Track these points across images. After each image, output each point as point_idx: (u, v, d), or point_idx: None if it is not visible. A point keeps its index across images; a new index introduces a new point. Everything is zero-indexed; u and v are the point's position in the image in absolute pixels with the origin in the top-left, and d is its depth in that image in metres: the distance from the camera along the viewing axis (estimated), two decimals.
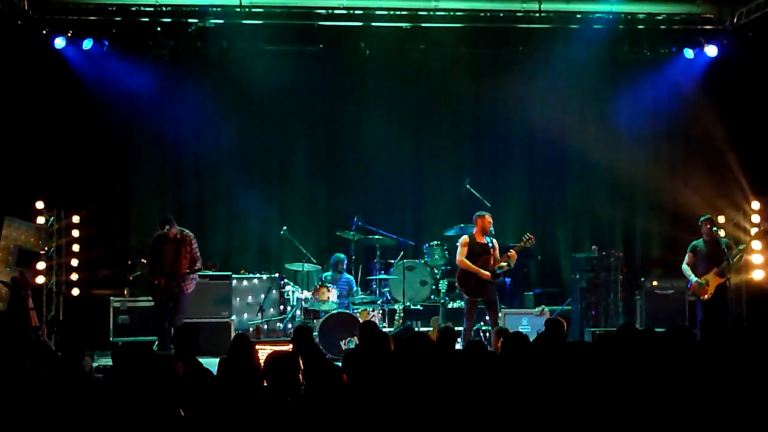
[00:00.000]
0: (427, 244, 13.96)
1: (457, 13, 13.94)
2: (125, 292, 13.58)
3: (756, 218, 13.67)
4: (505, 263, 11.58)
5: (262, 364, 5.91)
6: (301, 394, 5.45)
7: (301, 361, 5.71)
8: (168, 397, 5.60)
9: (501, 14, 13.98)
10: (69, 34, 13.67)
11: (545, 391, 5.58)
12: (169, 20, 13.82)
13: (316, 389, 5.43)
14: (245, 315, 13.83)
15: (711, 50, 14.24)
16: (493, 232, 11.74)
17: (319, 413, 5.21)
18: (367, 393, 5.55)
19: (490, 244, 11.66)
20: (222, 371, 6.94)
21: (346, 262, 13.57)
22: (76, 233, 13.82)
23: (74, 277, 13.78)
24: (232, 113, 14.94)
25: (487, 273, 11.47)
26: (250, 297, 13.92)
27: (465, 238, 11.80)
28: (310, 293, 13.05)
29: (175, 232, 11.87)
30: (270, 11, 13.78)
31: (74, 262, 13.79)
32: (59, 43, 13.68)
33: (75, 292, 13.77)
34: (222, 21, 13.77)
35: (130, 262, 13.92)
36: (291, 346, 8.14)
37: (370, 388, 5.61)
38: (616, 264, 13.83)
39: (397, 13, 13.94)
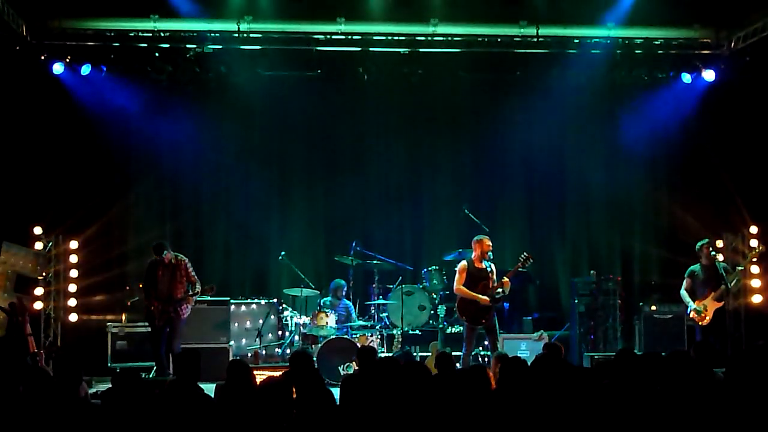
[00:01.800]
0: (425, 269, 13.93)
1: (455, 38, 13.94)
2: (123, 317, 13.56)
3: (754, 242, 13.65)
4: (500, 290, 11.33)
5: None
6: (293, 419, 5.40)
7: (294, 387, 5.66)
8: (163, 423, 5.57)
9: (499, 39, 13.99)
10: (67, 60, 13.68)
11: (543, 417, 5.55)
12: (168, 46, 13.82)
13: (308, 415, 5.38)
14: (243, 340, 13.78)
15: (709, 75, 14.24)
16: (492, 257, 11.62)
17: None
18: (362, 418, 5.51)
19: (489, 269, 11.48)
20: (219, 397, 6.92)
21: (345, 288, 13.53)
22: (73, 259, 13.85)
23: (72, 302, 13.78)
24: (230, 138, 14.98)
25: (486, 298, 11.28)
26: (248, 322, 13.87)
27: (463, 264, 11.55)
28: (309, 318, 13.01)
29: (169, 257, 11.83)
30: (268, 36, 13.78)
31: (72, 288, 13.81)
32: (57, 68, 13.68)
33: (73, 317, 13.77)
34: (220, 46, 13.80)
35: (128, 288, 13.91)
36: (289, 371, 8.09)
37: (365, 414, 5.58)
38: (615, 288, 13.84)
39: (396, 38, 13.95)
